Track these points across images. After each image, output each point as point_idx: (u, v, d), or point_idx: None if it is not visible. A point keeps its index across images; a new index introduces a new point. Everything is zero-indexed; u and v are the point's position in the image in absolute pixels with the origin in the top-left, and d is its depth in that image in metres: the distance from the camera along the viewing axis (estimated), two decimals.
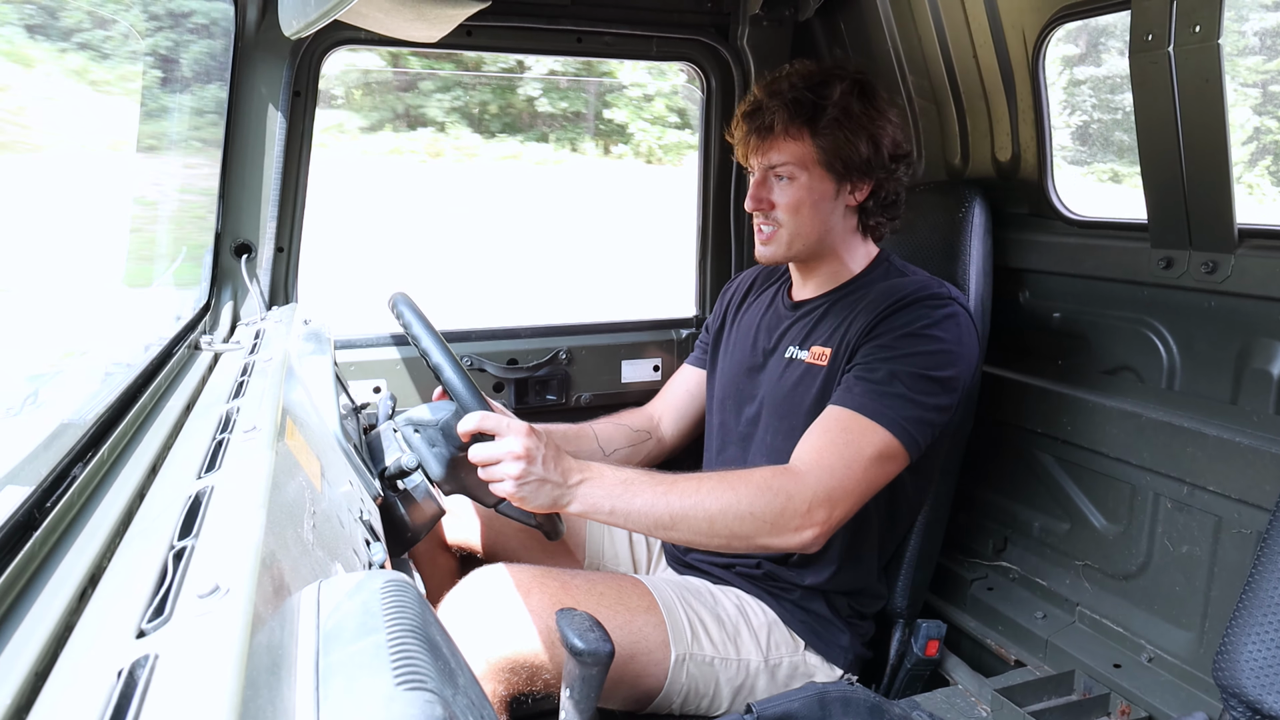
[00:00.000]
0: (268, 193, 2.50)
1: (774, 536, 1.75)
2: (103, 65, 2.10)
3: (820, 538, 1.77)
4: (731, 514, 1.71)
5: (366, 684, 0.74)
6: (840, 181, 2.01)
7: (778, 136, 1.99)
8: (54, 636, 0.82)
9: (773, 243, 2.06)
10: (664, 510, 1.70)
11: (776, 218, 2.03)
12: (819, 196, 2.00)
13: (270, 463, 1.11)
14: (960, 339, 1.89)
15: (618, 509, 1.70)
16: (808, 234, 2.03)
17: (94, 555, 0.97)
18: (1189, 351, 2.17)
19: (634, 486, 1.71)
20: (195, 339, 2.12)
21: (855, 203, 2.04)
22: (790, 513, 1.73)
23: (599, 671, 1.35)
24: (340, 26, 2.40)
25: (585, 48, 2.82)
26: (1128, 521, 2.22)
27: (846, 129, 1.96)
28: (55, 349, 1.78)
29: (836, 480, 1.77)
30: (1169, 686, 2.08)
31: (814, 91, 1.97)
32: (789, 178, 2.00)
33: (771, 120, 1.98)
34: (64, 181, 2.06)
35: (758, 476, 1.76)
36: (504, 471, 1.64)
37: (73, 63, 1.95)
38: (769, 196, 2.03)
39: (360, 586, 0.88)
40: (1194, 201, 2.01)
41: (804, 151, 1.98)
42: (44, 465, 1.12)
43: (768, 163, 2.01)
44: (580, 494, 1.69)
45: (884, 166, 2.02)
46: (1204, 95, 1.89)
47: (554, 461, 1.67)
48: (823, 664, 2.04)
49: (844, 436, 1.81)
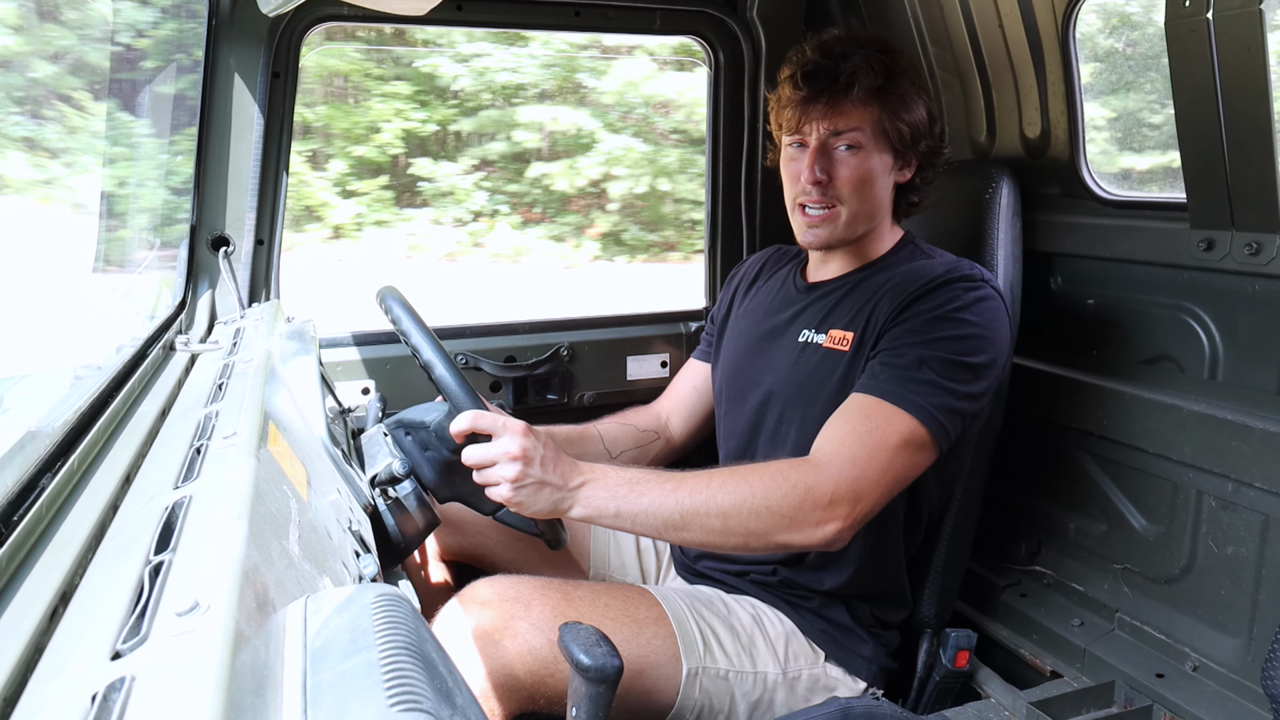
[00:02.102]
0: (246, 181, 2.49)
1: (793, 532, 1.70)
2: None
3: (844, 533, 1.73)
4: (746, 509, 1.68)
5: (358, 705, 0.74)
6: (896, 156, 2.01)
7: (853, 101, 1.94)
8: (23, 659, 0.82)
9: (828, 223, 2.02)
10: (673, 509, 1.68)
11: (836, 194, 1.99)
12: (881, 170, 2.00)
13: (252, 471, 1.11)
14: (993, 323, 1.88)
15: (623, 511, 1.68)
16: (869, 213, 2.02)
17: (65, 572, 0.97)
18: (1232, 339, 2.16)
19: (639, 486, 1.69)
20: (170, 339, 2.12)
21: (903, 180, 2.05)
22: (810, 506, 1.69)
23: (607, 689, 1.35)
24: (321, 2, 2.40)
25: (583, 22, 2.80)
26: (1169, 522, 2.21)
27: (915, 99, 1.98)
28: (20, 349, 1.78)
29: (860, 471, 1.74)
30: (1215, 697, 2.07)
31: (887, 56, 1.95)
32: (856, 146, 1.97)
33: (851, 80, 1.93)
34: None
35: (773, 469, 1.74)
36: (499, 474, 1.62)
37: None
38: (830, 168, 1.98)
39: (350, 601, 0.88)
40: (1236, 178, 2.00)
41: (876, 119, 1.96)
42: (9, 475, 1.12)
43: (833, 128, 1.96)
44: (582, 497, 1.67)
45: (936, 143, 2.04)
46: (1246, 64, 1.88)
47: (553, 463, 1.65)
48: (845, 676, 2.03)
49: (868, 424, 1.78)
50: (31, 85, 2.20)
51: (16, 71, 2.15)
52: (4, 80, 2.15)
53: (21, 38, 2.16)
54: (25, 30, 2.19)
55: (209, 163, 2.46)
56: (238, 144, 2.47)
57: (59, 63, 2.30)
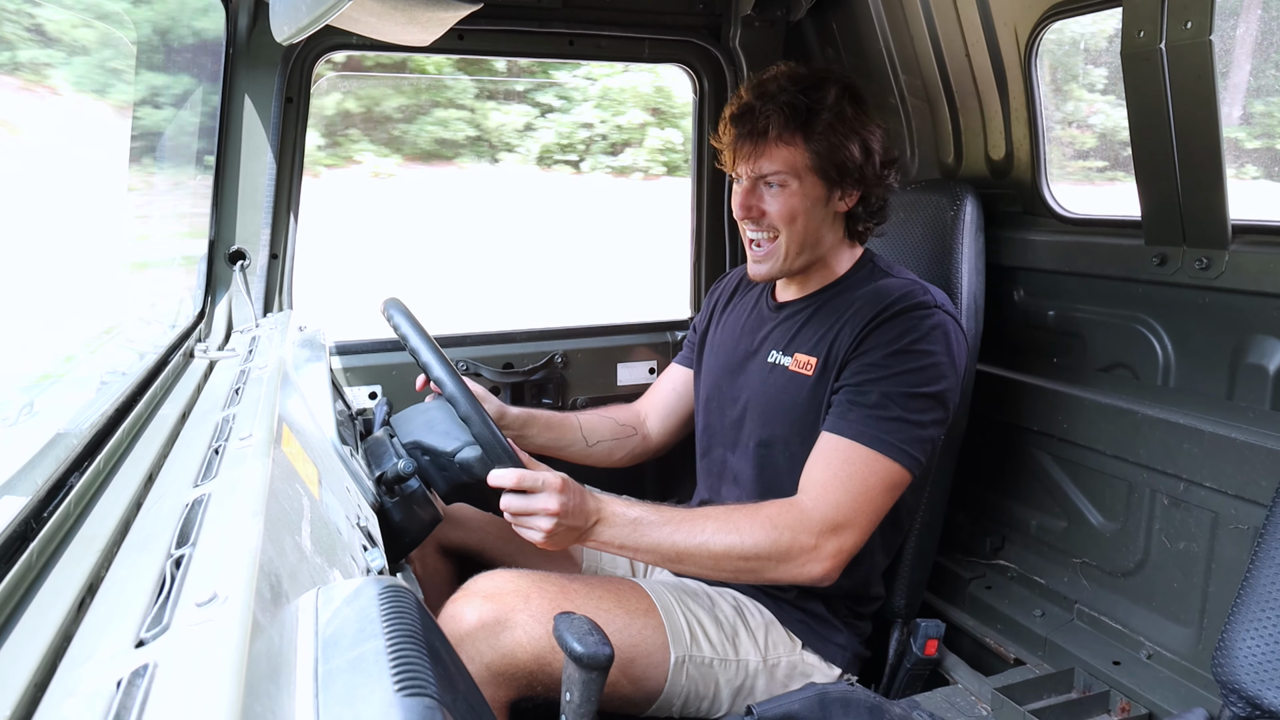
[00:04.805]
0: (261, 199, 2.50)
1: (783, 572, 1.80)
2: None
3: (834, 570, 1.81)
4: (736, 554, 1.77)
5: (366, 690, 0.74)
6: (832, 188, 1.97)
7: (770, 142, 1.94)
8: (53, 647, 0.82)
9: (770, 259, 2.02)
10: (670, 549, 1.79)
11: (771, 225, 1.98)
12: (812, 203, 1.97)
13: (267, 470, 1.11)
14: (949, 349, 1.89)
15: (627, 546, 1.79)
16: (809, 242, 2.00)
17: (91, 565, 0.97)
18: (1184, 348, 2.17)
19: (643, 527, 1.79)
20: (190, 347, 2.12)
21: (845, 209, 2.02)
22: (797, 548, 1.78)
23: (599, 675, 1.35)
24: (332, 31, 2.40)
25: (577, 50, 2.82)
26: (1125, 519, 2.23)
27: (840, 134, 1.93)
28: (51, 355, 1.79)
29: (843, 514, 1.80)
30: (1168, 683, 2.08)
31: (807, 95, 1.93)
32: (781, 185, 1.96)
33: (765, 124, 1.93)
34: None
35: (762, 514, 1.80)
36: (538, 524, 1.70)
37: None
38: (759, 205, 1.98)
39: (358, 593, 0.88)
40: (1188, 198, 2.02)
41: (798, 158, 1.94)
42: (40, 475, 1.12)
43: (758, 171, 1.96)
44: (595, 533, 1.78)
45: (875, 172, 1.99)
46: (1197, 91, 1.90)
47: (579, 510, 1.73)
48: (821, 663, 2.04)
49: (847, 469, 1.82)
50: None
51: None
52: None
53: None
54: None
55: (226, 181, 2.46)
56: (254, 164, 2.47)
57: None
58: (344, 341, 2.72)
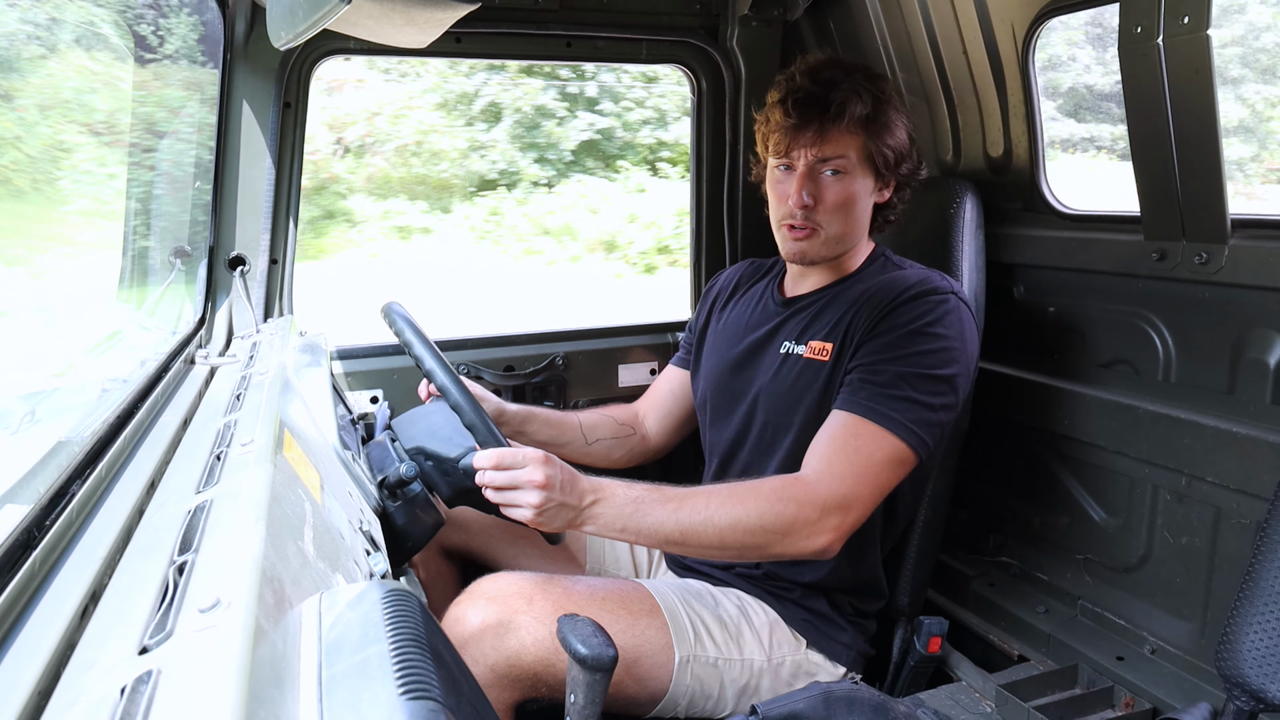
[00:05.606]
0: (260, 205, 2.49)
1: (787, 546, 1.75)
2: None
3: (835, 544, 1.78)
4: (741, 528, 1.72)
5: (370, 695, 0.74)
6: (877, 179, 1.99)
7: (841, 129, 1.92)
8: (56, 655, 0.82)
9: (812, 239, 2.00)
10: (673, 528, 1.71)
11: (819, 217, 1.97)
12: (864, 193, 1.99)
13: (269, 476, 1.11)
14: (963, 334, 1.89)
15: (629, 527, 1.71)
16: (850, 234, 2.01)
17: (94, 572, 0.97)
18: (1184, 343, 2.17)
19: (644, 505, 1.71)
20: (191, 353, 2.12)
21: (882, 200, 2.04)
22: (802, 521, 1.74)
23: (603, 677, 1.35)
24: (329, 36, 2.41)
25: (575, 52, 2.82)
26: (1127, 514, 2.22)
27: (897, 126, 1.96)
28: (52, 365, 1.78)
29: (848, 487, 1.77)
30: (1172, 678, 2.08)
31: (871, 84, 1.93)
32: (842, 171, 1.95)
33: (841, 109, 1.90)
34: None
35: (767, 487, 1.77)
36: (524, 499, 1.63)
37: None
38: (818, 191, 1.95)
39: (361, 597, 0.88)
40: (1186, 193, 2.01)
41: (860, 145, 1.94)
42: (42, 483, 1.12)
43: (820, 155, 1.94)
44: (593, 514, 1.69)
45: (913, 167, 2.02)
46: (1194, 86, 1.89)
47: (570, 485, 1.67)
48: (826, 662, 2.04)
49: (853, 443, 1.81)
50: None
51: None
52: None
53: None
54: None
55: (225, 187, 2.46)
56: (253, 169, 2.47)
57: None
58: (344, 346, 2.72)
